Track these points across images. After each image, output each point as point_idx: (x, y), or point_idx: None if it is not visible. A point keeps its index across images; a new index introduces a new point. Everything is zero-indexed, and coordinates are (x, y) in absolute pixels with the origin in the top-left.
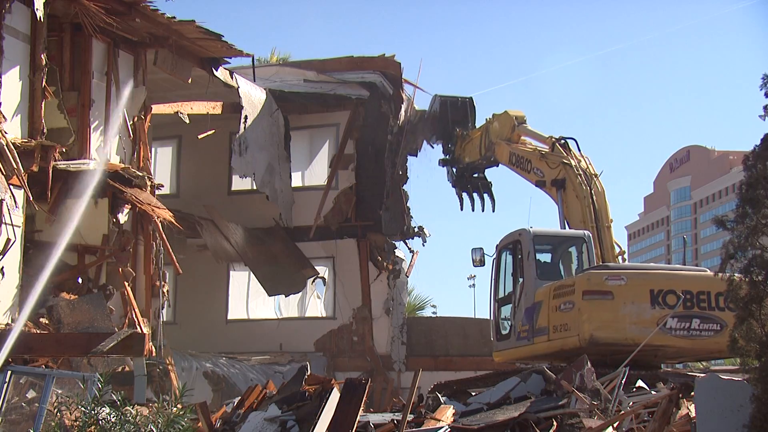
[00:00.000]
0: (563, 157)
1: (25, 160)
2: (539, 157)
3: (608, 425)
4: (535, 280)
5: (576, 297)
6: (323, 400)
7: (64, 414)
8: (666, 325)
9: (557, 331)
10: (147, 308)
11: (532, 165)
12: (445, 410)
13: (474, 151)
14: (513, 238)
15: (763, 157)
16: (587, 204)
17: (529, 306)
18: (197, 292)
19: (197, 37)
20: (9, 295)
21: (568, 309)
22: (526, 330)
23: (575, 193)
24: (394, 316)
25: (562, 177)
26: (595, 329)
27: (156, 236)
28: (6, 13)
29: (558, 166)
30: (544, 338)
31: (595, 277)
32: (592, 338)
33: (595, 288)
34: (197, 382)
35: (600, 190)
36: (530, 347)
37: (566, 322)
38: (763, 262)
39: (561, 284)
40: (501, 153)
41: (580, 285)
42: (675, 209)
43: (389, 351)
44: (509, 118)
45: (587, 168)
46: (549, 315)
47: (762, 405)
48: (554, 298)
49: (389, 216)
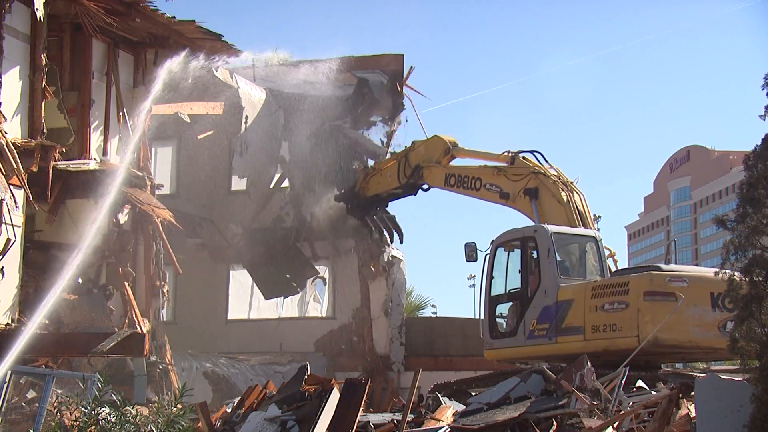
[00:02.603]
0: (531, 167)
1: (25, 160)
2: (494, 173)
3: (608, 425)
4: (556, 278)
5: (632, 297)
6: (323, 400)
7: (64, 414)
8: (726, 328)
9: (599, 331)
10: (147, 308)
11: (484, 182)
12: (445, 410)
13: (385, 181)
14: (520, 235)
15: (763, 157)
16: (573, 209)
17: (549, 304)
18: (197, 292)
19: (197, 37)
20: (9, 295)
21: (619, 309)
22: (544, 329)
23: (555, 199)
24: (393, 316)
25: (533, 186)
26: (659, 331)
27: (156, 236)
28: (6, 13)
29: (526, 176)
30: (576, 338)
31: (658, 278)
32: (657, 340)
33: (659, 289)
34: (197, 382)
35: (580, 194)
36: (550, 346)
37: (615, 322)
38: (764, 262)
39: (604, 283)
40: (433, 176)
41: (640, 285)
42: (675, 209)
43: (389, 351)
44: (441, 142)
45: (560, 176)
46: (585, 314)
47: (762, 405)
48: (593, 297)
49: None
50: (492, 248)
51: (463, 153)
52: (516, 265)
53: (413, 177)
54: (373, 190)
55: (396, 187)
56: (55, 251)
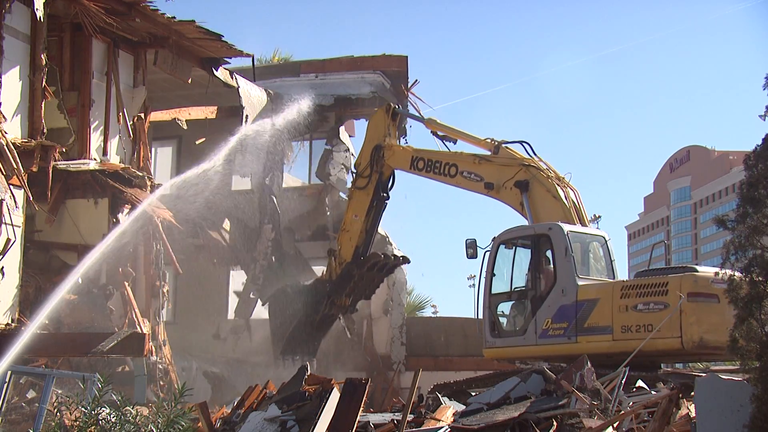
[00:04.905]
0: (519, 158)
1: (25, 160)
2: (475, 161)
3: (608, 425)
4: (575, 277)
5: (672, 298)
6: (323, 400)
7: (64, 414)
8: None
9: (631, 331)
10: (147, 308)
11: (460, 169)
12: (445, 410)
13: (355, 212)
14: (531, 232)
15: (764, 157)
16: (569, 205)
17: (567, 303)
18: (197, 292)
19: (197, 37)
20: (9, 295)
21: (656, 310)
22: (562, 328)
23: (550, 194)
24: (393, 316)
25: (523, 179)
26: (704, 332)
27: (156, 236)
28: (6, 13)
29: (515, 168)
30: (602, 337)
31: (701, 279)
32: (702, 341)
33: (703, 290)
34: (197, 382)
35: (575, 191)
36: (569, 346)
37: (651, 322)
38: (764, 262)
39: (637, 283)
40: (397, 158)
41: (683, 286)
42: (675, 209)
43: (389, 351)
44: (380, 110)
45: (551, 170)
46: (614, 314)
47: (762, 405)
48: (623, 297)
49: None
50: (494, 245)
51: (438, 127)
52: (520, 262)
53: (376, 165)
54: (348, 251)
55: (368, 203)
56: (55, 251)
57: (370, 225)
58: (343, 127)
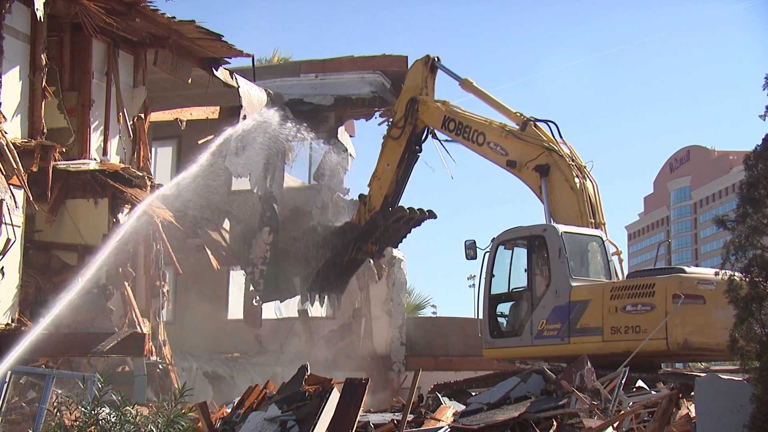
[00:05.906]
0: (544, 141)
1: (25, 160)
2: (502, 134)
3: (608, 425)
4: (568, 278)
5: (659, 299)
6: (323, 400)
7: (64, 414)
8: None
9: (620, 332)
10: (147, 308)
11: (487, 139)
12: (445, 410)
13: (388, 160)
14: (527, 233)
15: (764, 157)
16: (585, 198)
17: (561, 305)
18: (197, 292)
19: (197, 37)
20: (9, 295)
21: (643, 311)
22: (555, 329)
23: (568, 184)
24: (394, 316)
25: (544, 163)
26: (689, 333)
27: (156, 236)
28: (6, 13)
29: (538, 150)
30: (593, 338)
31: (687, 280)
32: (687, 342)
33: (688, 291)
34: (197, 382)
35: (593, 182)
36: (562, 347)
37: (639, 324)
38: (764, 262)
39: (626, 284)
40: (430, 114)
41: (669, 288)
42: (675, 209)
43: (389, 351)
44: (419, 61)
45: (575, 158)
46: (604, 315)
47: (762, 405)
48: (613, 298)
49: None
50: (493, 246)
51: (471, 89)
52: (519, 263)
53: (410, 118)
54: (378, 199)
55: (401, 153)
56: (55, 251)
57: (401, 176)
58: (342, 127)
